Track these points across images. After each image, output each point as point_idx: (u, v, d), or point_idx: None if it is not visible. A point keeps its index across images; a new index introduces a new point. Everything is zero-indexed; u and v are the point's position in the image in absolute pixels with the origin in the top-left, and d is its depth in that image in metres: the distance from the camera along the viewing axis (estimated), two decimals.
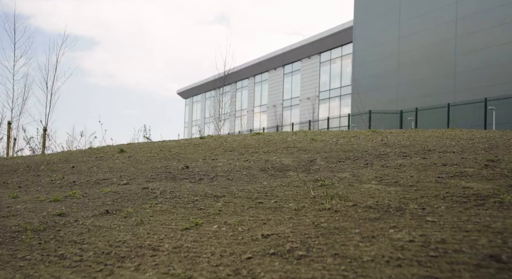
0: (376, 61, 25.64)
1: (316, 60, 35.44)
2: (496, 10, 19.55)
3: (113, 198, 4.32)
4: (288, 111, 38.75)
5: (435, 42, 22.10)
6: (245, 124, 43.13)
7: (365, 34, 26.68)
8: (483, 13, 20.12)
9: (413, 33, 23.54)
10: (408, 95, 23.21)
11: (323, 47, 34.09)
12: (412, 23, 23.61)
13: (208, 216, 3.36)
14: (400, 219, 2.70)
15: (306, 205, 3.37)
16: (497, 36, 19.38)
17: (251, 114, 44.20)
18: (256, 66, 42.14)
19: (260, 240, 2.60)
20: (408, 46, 23.70)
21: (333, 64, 33.96)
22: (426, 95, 21.92)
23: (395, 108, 22.83)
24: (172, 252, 2.55)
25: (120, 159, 7.44)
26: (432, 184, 3.60)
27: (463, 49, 20.80)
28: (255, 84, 43.87)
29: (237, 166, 5.78)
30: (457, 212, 2.71)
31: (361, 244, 2.28)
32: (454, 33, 21.29)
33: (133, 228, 3.18)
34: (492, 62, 19.44)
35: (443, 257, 1.94)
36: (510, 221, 2.35)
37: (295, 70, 38.28)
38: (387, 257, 2.02)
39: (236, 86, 46.32)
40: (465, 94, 20.02)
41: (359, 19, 27.21)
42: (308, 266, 2.05)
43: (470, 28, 20.58)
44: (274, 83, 40.86)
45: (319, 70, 35.24)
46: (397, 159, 5.09)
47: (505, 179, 3.45)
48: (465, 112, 19.29)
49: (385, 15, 25.32)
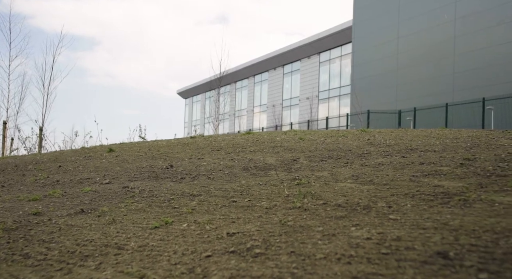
0: (375, 61, 25.65)
1: (316, 60, 35.43)
2: (495, 10, 19.54)
3: (92, 197, 4.33)
4: (288, 111, 38.75)
5: (434, 42, 22.10)
6: (244, 124, 43.15)
7: (364, 34, 26.69)
8: (481, 13, 20.12)
9: (412, 33, 23.54)
10: (407, 95, 23.22)
11: (323, 47, 34.09)
12: (411, 23, 23.62)
13: (180, 215, 3.38)
14: (364, 217, 2.71)
15: (278, 203, 3.38)
16: (496, 36, 19.37)
17: (250, 114, 44.19)
18: (256, 66, 42.13)
19: (225, 239, 2.62)
20: (407, 46, 23.71)
21: (332, 64, 33.95)
22: (425, 95, 21.92)
23: (394, 108, 22.84)
24: (136, 251, 2.57)
25: (107, 159, 7.45)
26: (405, 183, 3.61)
27: (462, 49, 20.79)
28: (255, 84, 43.86)
29: (221, 165, 5.79)
30: (421, 210, 2.72)
31: (320, 242, 2.29)
32: (453, 33, 21.30)
33: (104, 227, 3.19)
34: (491, 62, 19.43)
35: (394, 255, 1.95)
36: (468, 219, 2.36)
37: (295, 70, 38.27)
38: (340, 254, 2.04)
39: (236, 86, 46.32)
40: (464, 94, 20.02)
41: (358, 19, 27.23)
42: (262, 264, 2.06)
43: (469, 28, 20.57)
44: (274, 83, 40.85)
45: (319, 70, 35.22)
46: (378, 158, 5.10)
47: (476, 178, 3.46)
48: (464, 112, 19.30)
49: (384, 15, 25.33)
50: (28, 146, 16.55)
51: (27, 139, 16.82)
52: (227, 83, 45.36)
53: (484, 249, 1.90)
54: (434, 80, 21.95)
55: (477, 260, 1.79)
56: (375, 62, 25.71)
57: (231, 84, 46.49)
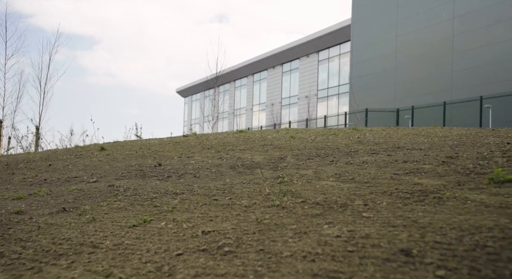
0: (374, 59, 25.64)
1: (315, 59, 35.40)
2: (493, 8, 19.52)
3: (76, 195, 4.34)
4: (287, 109, 38.74)
5: (433, 40, 22.08)
6: (244, 123, 43.15)
7: (363, 32, 26.67)
8: (480, 11, 20.09)
9: (410, 32, 23.52)
10: (405, 93, 23.21)
11: (321, 46, 34.05)
12: (409, 22, 23.60)
13: (160, 213, 3.39)
14: (339, 215, 2.73)
15: (258, 202, 3.39)
16: (494, 34, 19.34)
17: (250, 113, 44.17)
18: (255, 65, 42.09)
19: (199, 237, 2.63)
20: (406, 44, 23.69)
21: (331, 62, 33.93)
22: (423, 94, 21.92)
23: (393, 106, 22.83)
24: (110, 249, 2.57)
25: (97, 157, 7.45)
26: (386, 181, 3.63)
27: (461, 47, 20.76)
28: (254, 82, 43.83)
29: (208, 164, 5.80)
30: (395, 207, 2.73)
31: (290, 240, 2.30)
32: (451, 31, 21.28)
33: (83, 225, 3.20)
34: (489, 60, 19.41)
35: (359, 252, 1.96)
36: (438, 216, 2.38)
37: (294, 69, 38.23)
38: (306, 252, 2.05)
39: (235, 85, 46.28)
40: (463, 92, 20.00)
41: (357, 18, 27.21)
42: (229, 262, 2.07)
43: (467, 26, 20.54)
44: (273, 81, 40.82)
45: (317, 69, 35.19)
46: (364, 156, 5.11)
47: (456, 176, 3.47)
48: (462, 110, 19.30)
49: (383, 13, 25.30)
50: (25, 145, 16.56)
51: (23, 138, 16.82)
52: (226, 81, 45.35)
53: (447, 246, 1.91)
54: (432, 79, 21.95)
55: (438, 257, 1.80)
56: (373, 60, 25.70)
57: (230, 83, 46.45)
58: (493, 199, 2.62)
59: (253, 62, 41.95)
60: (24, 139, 16.81)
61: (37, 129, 17.65)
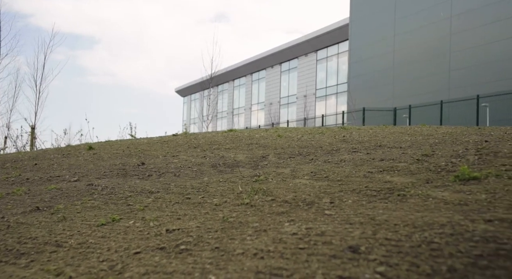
0: (372, 58, 25.65)
1: (313, 58, 35.38)
2: (491, 8, 19.51)
3: (54, 195, 4.34)
4: (285, 109, 38.73)
5: (430, 39, 22.07)
6: (242, 122, 43.13)
7: (361, 31, 26.67)
8: (477, 10, 20.09)
9: (408, 31, 23.52)
10: (403, 92, 23.20)
11: (320, 45, 34.03)
12: (407, 21, 23.61)
13: (131, 211, 3.39)
14: (303, 213, 2.73)
15: (229, 200, 3.40)
16: (492, 33, 19.33)
17: (248, 112, 44.15)
18: (254, 64, 42.06)
19: (162, 235, 2.63)
20: (404, 43, 23.70)
21: (329, 61, 33.92)
22: (422, 93, 21.92)
23: (391, 105, 22.83)
24: (73, 248, 2.58)
25: (84, 156, 7.45)
26: (358, 179, 3.63)
27: (458, 46, 20.76)
28: (253, 82, 43.81)
29: (191, 163, 5.81)
30: (358, 205, 2.74)
31: (248, 238, 2.31)
32: (449, 30, 21.28)
33: (53, 224, 3.21)
34: (487, 59, 19.40)
35: (309, 249, 1.97)
36: (396, 214, 2.39)
37: (292, 68, 38.22)
38: (258, 250, 2.06)
39: (234, 84, 46.24)
40: (460, 91, 19.99)
41: (355, 17, 27.20)
42: (181, 260, 2.08)
43: (464, 25, 20.53)
44: (271, 81, 40.80)
45: (316, 68, 35.18)
46: (344, 155, 5.12)
47: (427, 173, 3.48)
48: (459, 109, 19.32)
49: (381, 12, 25.30)
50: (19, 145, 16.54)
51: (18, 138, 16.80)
52: (225, 81, 45.32)
53: (395, 243, 1.92)
54: (430, 78, 21.95)
55: (383, 253, 1.81)
56: (371, 59, 25.71)
57: (229, 82, 46.42)
58: (454, 196, 2.63)
59: (252, 61, 41.93)
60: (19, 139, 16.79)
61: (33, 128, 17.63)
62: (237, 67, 43.58)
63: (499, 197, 2.48)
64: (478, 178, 2.94)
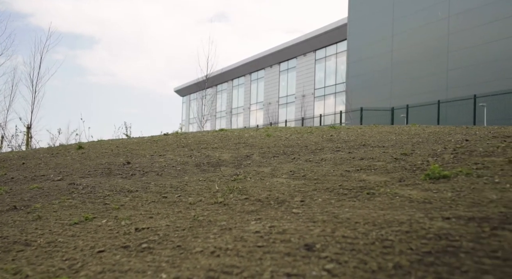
0: (370, 58, 25.65)
1: (312, 58, 35.36)
2: (488, 7, 19.51)
3: (34, 194, 4.35)
4: (284, 108, 38.72)
5: (429, 39, 22.07)
6: (241, 122, 43.10)
7: (359, 31, 26.68)
8: (475, 10, 20.09)
9: (406, 31, 23.52)
10: (402, 92, 23.20)
11: (318, 45, 34.02)
12: (405, 21, 23.61)
13: (106, 210, 3.40)
14: (272, 212, 2.74)
15: (204, 199, 3.41)
16: (490, 33, 19.33)
17: (247, 112, 44.13)
18: (252, 64, 42.03)
19: (131, 234, 2.64)
20: (402, 43, 23.70)
21: (328, 61, 33.92)
22: (420, 92, 21.93)
23: (389, 105, 22.83)
24: (41, 247, 2.59)
25: (72, 156, 7.45)
26: (335, 178, 3.64)
27: (456, 46, 20.76)
28: (251, 81, 43.79)
29: (176, 162, 5.81)
30: (327, 203, 2.75)
31: (212, 236, 2.32)
32: (447, 30, 21.29)
33: (26, 223, 3.21)
34: (485, 59, 19.39)
35: (266, 247, 1.98)
36: (360, 212, 2.40)
37: (291, 68, 38.20)
38: (217, 248, 2.07)
39: (233, 84, 46.21)
40: (458, 91, 19.98)
41: (353, 17, 27.20)
42: (140, 258, 2.09)
43: (462, 25, 20.54)
44: (270, 80, 40.78)
45: (314, 68, 35.17)
46: (326, 154, 5.13)
47: (402, 172, 3.49)
48: (457, 108, 19.33)
49: (379, 12, 25.30)
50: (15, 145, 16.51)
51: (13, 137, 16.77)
52: (224, 80, 45.27)
53: (351, 240, 1.93)
54: (429, 77, 21.96)
55: (336, 251, 1.82)
56: (370, 59, 25.72)
57: (228, 82, 46.39)
58: (421, 194, 2.64)
59: (251, 61, 41.90)
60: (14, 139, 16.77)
61: (28, 128, 17.61)
62: (236, 67, 43.55)
63: (463, 195, 2.50)
64: (448, 177, 2.95)
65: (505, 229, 1.83)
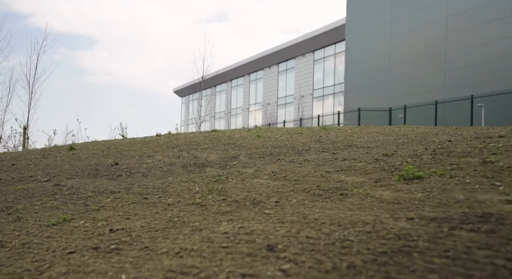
0: (368, 58, 25.68)
1: (310, 58, 35.38)
2: (486, 8, 19.54)
3: (18, 195, 4.36)
4: (283, 109, 38.73)
5: (426, 39, 22.09)
6: (240, 122, 43.09)
7: (357, 32, 26.71)
8: (473, 10, 20.13)
9: (404, 31, 23.55)
10: (400, 92, 23.22)
11: (317, 45, 34.04)
12: (403, 21, 23.64)
13: (86, 211, 3.42)
14: (245, 213, 2.77)
15: (183, 200, 3.43)
16: (487, 34, 19.35)
17: (246, 112, 44.13)
18: (251, 64, 42.03)
19: (105, 235, 2.66)
20: (400, 44, 23.73)
21: (326, 62, 33.93)
22: (418, 93, 21.95)
23: (387, 105, 22.85)
24: (15, 248, 2.61)
25: (62, 157, 7.47)
26: (314, 178, 3.67)
27: (454, 46, 20.79)
28: (250, 82, 43.80)
29: (164, 163, 5.83)
30: (300, 204, 2.77)
31: (181, 237, 2.34)
32: (445, 30, 21.33)
33: (5, 225, 3.23)
34: (483, 60, 19.40)
35: (230, 248, 2.00)
36: (329, 212, 2.42)
37: (290, 68, 38.22)
38: (183, 249, 2.09)
39: (232, 84, 46.21)
40: (456, 91, 19.98)
41: (352, 17, 27.24)
42: (107, 259, 2.11)
43: (460, 25, 20.57)
44: (269, 81, 40.80)
45: (313, 68, 35.19)
46: (311, 155, 5.16)
47: (380, 173, 3.52)
48: (454, 109, 19.34)
49: (377, 13, 25.34)
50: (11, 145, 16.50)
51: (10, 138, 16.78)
52: (223, 81, 45.24)
53: (313, 240, 1.95)
54: (426, 78, 21.98)
55: (297, 251, 1.84)
56: (368, 60, 25.75)
57: (226, 82, 46.39)
58: (392, 195, 2.67)
59: (250, 61, 41.91)
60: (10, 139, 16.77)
61: (25, 129, 17.62)
62: (235, 67, 43.55)
63: (432, 196, 2.52)
64: (421, 177, 2.97)
65: (462, 229, 1.86)
